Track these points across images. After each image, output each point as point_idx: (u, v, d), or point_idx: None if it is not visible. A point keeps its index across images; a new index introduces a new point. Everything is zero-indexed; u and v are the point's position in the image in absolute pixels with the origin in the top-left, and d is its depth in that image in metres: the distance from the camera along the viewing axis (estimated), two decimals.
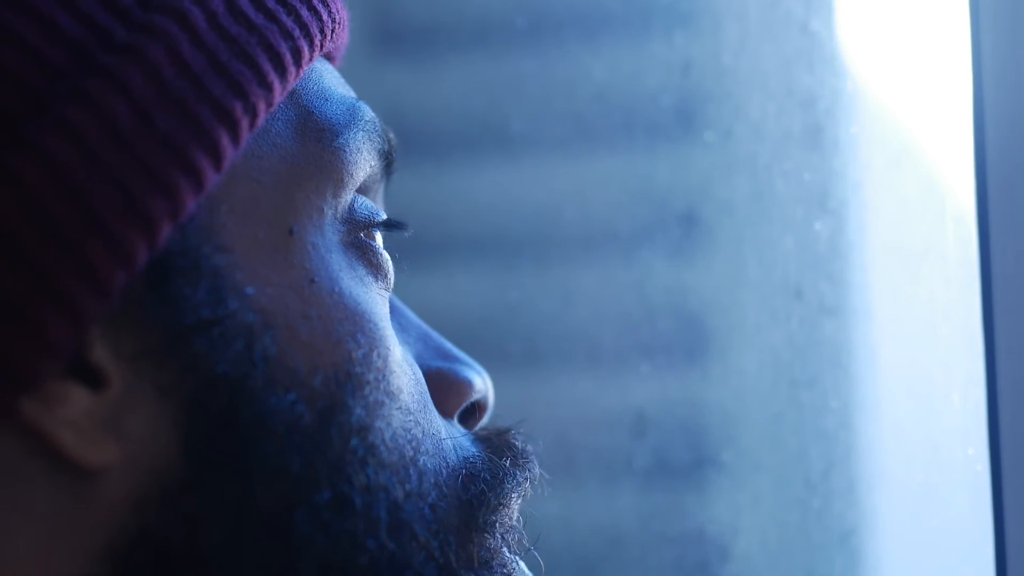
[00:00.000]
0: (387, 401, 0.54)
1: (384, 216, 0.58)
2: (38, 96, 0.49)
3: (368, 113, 0.58)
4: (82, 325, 0.49)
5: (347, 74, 0.61)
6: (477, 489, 0.56)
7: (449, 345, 0.61)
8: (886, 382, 0.89)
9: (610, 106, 0.99)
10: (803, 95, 0.90)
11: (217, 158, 0.51)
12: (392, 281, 0.58)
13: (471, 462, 0.57)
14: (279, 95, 0.54)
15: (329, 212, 0.55)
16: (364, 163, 0.57)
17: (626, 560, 0.97)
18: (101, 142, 0.49)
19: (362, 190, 0.58)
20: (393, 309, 0.59)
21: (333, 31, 0.57)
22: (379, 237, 0.58)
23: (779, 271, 0.92)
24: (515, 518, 0.58)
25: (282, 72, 0.54)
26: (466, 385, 0.59)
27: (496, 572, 0.57)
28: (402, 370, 0.55)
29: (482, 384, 0.60)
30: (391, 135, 0.59)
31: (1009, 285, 0.71)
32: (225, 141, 0.52)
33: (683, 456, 0.98)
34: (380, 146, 0.58)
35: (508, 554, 0.57)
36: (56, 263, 0.49)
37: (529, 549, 0.59)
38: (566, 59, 1.00)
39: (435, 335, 0.61)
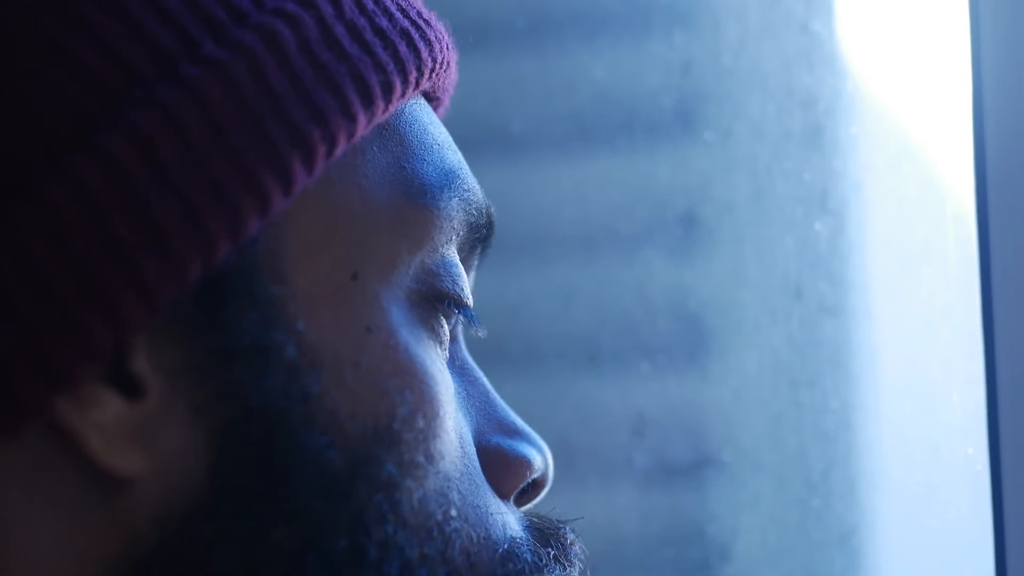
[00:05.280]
0: (424, 463, 0.52)
1: (467, 297, 0.56)
2: (114, 100, 0.49)
3: (468, 182, 0.56)
4: (125, 332, 0.48)
5: None
6: (515, 567, 0.55)
7: (513, 417, 0.58)
8: (886, 382, 0.89)
9: (610, 106, 0.99)
10: (803, 95, 0.90)
11: (287, 182, 0.50)
12: (447, 349, 0.55)
13: (515, 541, 0.55)
14: (363, 127, 0.52)
15: (401, 266, 0.54)
16: (449, 229, 0.55)
17: (626, 560, 0.97)
18: (169, 151, 0.49)
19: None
20: (464, 371, 0.57)
21: (433, 70, 0.55)
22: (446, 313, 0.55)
23: (779, 271, 0.92)
24: None
25: (369, 104, 0.52)
26: (524, 463, 0.57)
27: None
28: (449, 437, 0.54)
29: (541, 462, 0.58)
30: (492, 212, 0.57)
31: (1009, 285, 0.71)
32: (298, 166, 0.50)
33: (683, 456, 0.98)
34: (473, 218, 0.56)
35: None
36: (107, 268, 0.48)
37: None
38: (566, 59, 1.00)
39: (500, 404, 0.58)
